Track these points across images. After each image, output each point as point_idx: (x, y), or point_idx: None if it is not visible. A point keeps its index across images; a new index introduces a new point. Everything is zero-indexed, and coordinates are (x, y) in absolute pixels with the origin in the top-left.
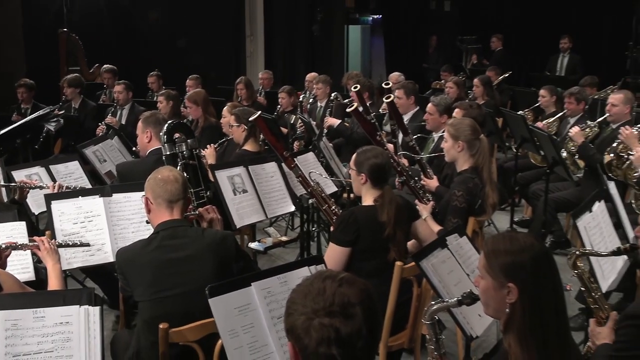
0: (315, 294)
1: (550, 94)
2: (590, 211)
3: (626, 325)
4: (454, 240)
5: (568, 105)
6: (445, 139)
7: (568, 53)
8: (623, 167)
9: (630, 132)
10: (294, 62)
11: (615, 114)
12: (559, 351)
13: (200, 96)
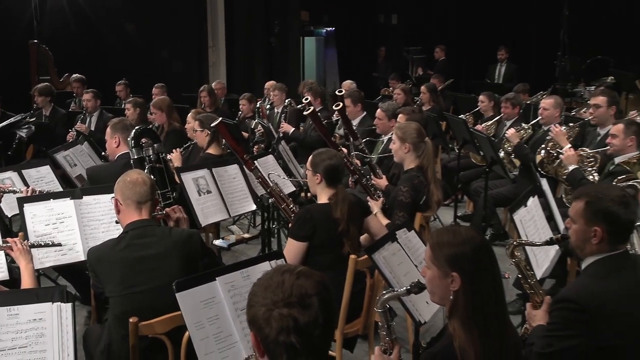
0: (275, 286)
1: (488, 99)
2: (525, 206)
3: (558, 308)
4: (403, 234)
5: (504, 109)
6: (393, 141)
7: (505, 62)
8: (554, 165)
9: (560, 130)
10: (254, 71)
11: (547, 117)
12: (499, 333)
13: (165, 103)
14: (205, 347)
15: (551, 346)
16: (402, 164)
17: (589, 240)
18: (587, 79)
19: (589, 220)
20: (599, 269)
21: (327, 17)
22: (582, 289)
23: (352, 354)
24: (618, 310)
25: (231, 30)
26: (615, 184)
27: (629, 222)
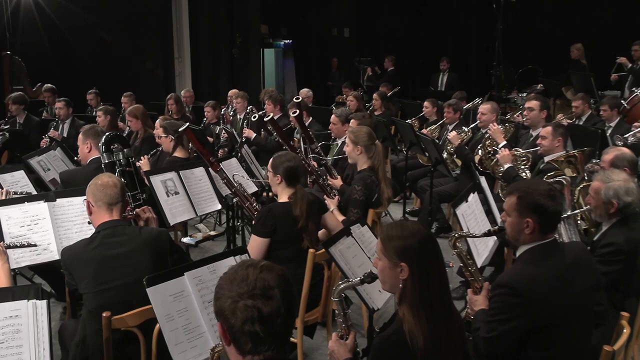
0: (239, 280)
1: (432, 105)
2: (467, 201)
3: (497, 294)
4: (357, 229)
5: (447, 114)
6: (346, 144)
7: (447, 72)
8: (491, 164)
9: (497, 127)
10: (218, 80)
11: (484, 121)
12: (444, 317)
13: (139, 111)
14: (175, 337)
15: (494, 330)
16: (355, 164)
17: (522, 230)
18: (519, 87)
19: (521, 213)
20: (532, 256)
21: (285, 30)
22: (516, 275)
23: (312, 339)
24: (549, 293)
25: (196, 43)
26: (544, 180)
27: (556, 213)
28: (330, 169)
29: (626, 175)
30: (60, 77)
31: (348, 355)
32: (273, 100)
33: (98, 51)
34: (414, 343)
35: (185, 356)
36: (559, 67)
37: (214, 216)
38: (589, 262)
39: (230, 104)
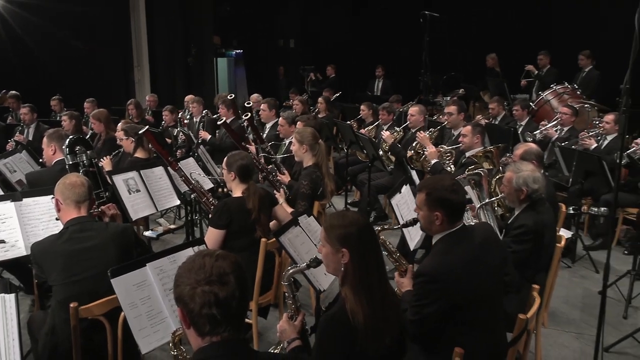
0: (197, 268)
1: (368, 108)
2: (400, 192)
3: (418, 282)
4: (304, 220)
5: (382, 116)
6: (293, 144)
7: (382, 78)
8: (420, 160)
9: (424, 135)
10: (174, 86)
11: (413, 121)
12: (381, 295)
13: (103, 114)
14: (139, 323)
15: (418, 313)
16: (301, 162)
17: (433, 222)
18: (444, 91)
19: (430, 207)
20: (445, 244)
21: (236, 41)
22: (432, 263)
23: (266, 320)
24: (463, 274)
25: (153, 52)
26: (455, 174)
27: (461, 204)
28: (280, 166)
29: (533, 167)
30: (24, 84)
31: (295, 335)
32: (226, 104)
33: (61, 59)
34: (355, 320)
35: (148, 340)
36: (477, 74)
37: (174, 211)
38: (495, 240)
39: (187, 108)
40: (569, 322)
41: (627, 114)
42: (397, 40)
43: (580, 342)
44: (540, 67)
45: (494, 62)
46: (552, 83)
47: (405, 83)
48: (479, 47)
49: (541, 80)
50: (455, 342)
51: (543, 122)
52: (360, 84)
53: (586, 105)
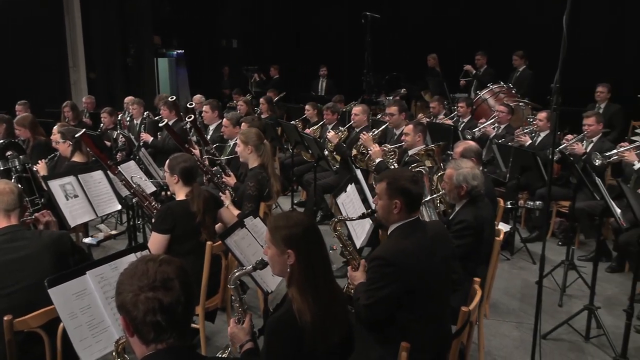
0: (140, 274)
1: (313, 108)
2: (345, 191)
3: (373, 265)
4: (250, 221)
5: (326, 116)
6: (238, 145)
7: (325, 78)
8: (365, 159)
9: (367, 136)
10: (113, 87)
11: (357, 121)
12: (328, 294)
13: (27, 120)
14: (79, 334)
15: (372, 297)
16: (246, 163)
17: (392, 211)
18: (386, 91)
19: (390, 196)
20: (400, 232)
21: (177, 41)
22: (388, 248)
23: (214, 324)
24: (415, 262)
25: (90, 52)
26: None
27: (419, 195)
28: (225, 168)
29: (473, 164)
30: None
31: (246, 338)
32: (168, 106)
33: None
34: (303, 320)
35: (90, 351)
36: (418, 73)
37: (115, 216)
38: (445, 236)
39: (127, 110)
40: (509, 312)
41: (557, 111)
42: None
43: (519, 330)
44: (477, 67)
45: (435, 62)
46: (488, 82)
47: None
48: (419, 47)
49: (479, 79)
50: (406, 330)
51: (481, 120)
52: (304, 84)
53: (521, 103)
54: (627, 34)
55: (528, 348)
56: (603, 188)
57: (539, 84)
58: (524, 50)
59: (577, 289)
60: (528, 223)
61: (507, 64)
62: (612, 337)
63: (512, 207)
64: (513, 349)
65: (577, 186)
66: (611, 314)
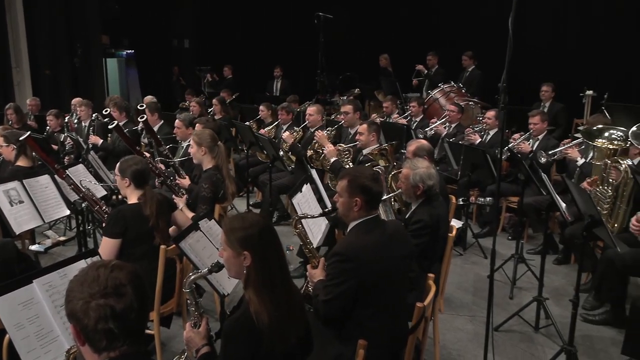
0: (90, 281)
1: (267, 108)
2: (301, 191)
3: (332, 261)
4: (205, 224)
5: (281, 116)
6: (191, 146)
7: (280, 79)
8: (320, 159)
9: (322, 134)
10: (60, 88)
11: (312, 121)
12: (285, 295)
13: None
14: (27, 345)
15: (331, 292)
16: (201, 164)
17: (352, 208)
18: (340, 91)
19: (351, 193)
20: (359, 229)
21: (127, 40)
22: (347, 244)
23: (169, 329)
24: (373, 258)
25: (34, 52)
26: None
27: (379, 193)
28: (179, 170)
29: (428, 163)
30: None
31: (203, 342)
32: (118, 107)
33: None
34: (260, 322)
35: None
36: (371, 73)
37: (64, 222)
38: (404, 235)
39: (74, 112)
40: (462, 306)
41: (505, 110)
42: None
43: (473, 324)
44: (429, 67)
45: (386, 62)
46: (440, 82)
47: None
48: (372, 47)
49: (430, 79)
50: (363, 327)
51: (433, 119)
52: (258, 84)
53: (470, 102)
54: (569, 35)
55: (481, 340)
56: (549, 184)
57: (487, 83)
58: (473, 51)
59: (527, 282)
60: (479, 219)
61: (457, 64)
62: (560, 327)
63: (464, 203)
64: (467, 342)
65: (525, 182)
66: (559, 304)
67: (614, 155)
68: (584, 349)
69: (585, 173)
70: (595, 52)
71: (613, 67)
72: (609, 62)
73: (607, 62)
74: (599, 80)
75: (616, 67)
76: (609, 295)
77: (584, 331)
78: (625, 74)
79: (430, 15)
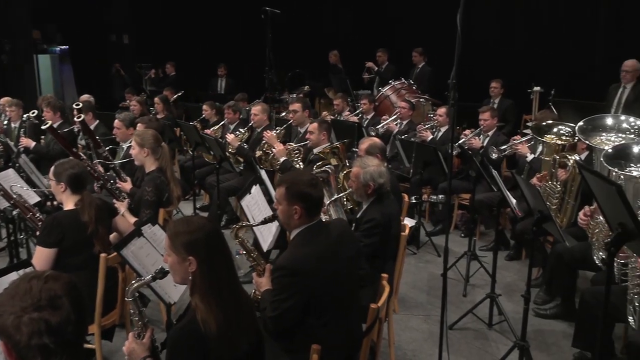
0: (22, 294)
1: (211, 107)
2: (250, 193)
3: (277, 276)
4: (148, 229)
5: (227, 115)
6: (133, 147)
7: (225, 77)
8: (269, 159)
9: (271, 134)
10: None
11: (257, 121)
12: (233, 301)
13: None
14: None
15: (278, 309)
16: (143, 167)
17: (292, 216)
18: (289, 88)
19: (289, 201)
20: (302, 238)
21: (60, 36)
22: (291, 256)
23: (112, 342)
24: (320, 267)
25: None
26: (307, 170)
27: (319, 199)
28: (119, 172)
29: (378, 161)
30: None
31: (145, 354)
32: (52, 107)
33: None
34: (207, 329)
35: None
36: (321, 70)
37: None
38: (350, 235)
39: (3, 112)
40: (417, 305)
41: (455, 107)
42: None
43: (428, 323)
44: (379, 63)
45: (336, 58)
46: (390, 79)
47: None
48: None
49: (381, 76)
50: (315, 336)
51: (384, 116)
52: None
53: (421, 99)
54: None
55: (436, 340)
56: (500, 180)
57: (437, 80)
58: (423, 47)
59: (480, 278)
60: (432, 217)
61: (408, 61)
62: (513, 322)
63: (416, 202)
64: (422, 342)
65: (476, 179)
66: (511, 300)
67: (562, 150)
68: (536, 344)
69: (535, 169)
70: (542, 49)
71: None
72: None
73: (553, 59)
74: (546, 77)
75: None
76: (559, 289)
77: (536, 326)
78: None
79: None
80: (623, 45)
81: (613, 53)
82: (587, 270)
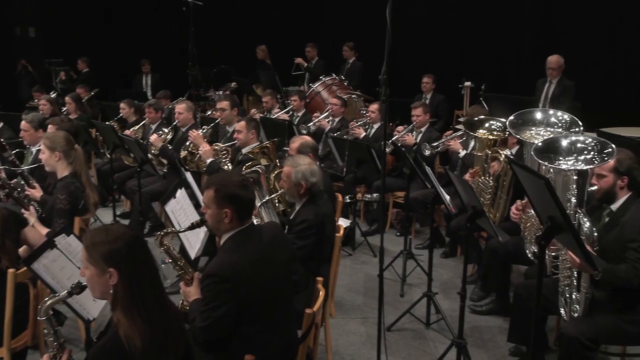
0: None
1: (129, 106)
2: (175, 197)
3: (207, 283)
4: (62, 240)
5: (148, 114)
6: (42, 151)
7: (149, 73)
8: (195, 160)
9: (197, 134)
10: None
11: (182, 120)
12: (160, 313)
13: None
14: None
15: (209, 318)
16: (55, 172)
17: (222, 220)
18: (215, 85)
19: (219, 204)
20: (233, 242)
21: None
22: (221, 263)
23: None
24: (253, 273)
25: None
26: (236, 171)
27: (250, 201)
28: (28, 179)
29: (310, 160)
30: None
31: None
32: None
33: None
34: (131, 346)
35: None
36: (249, 66)
37: None
38: (282, 238)
39: None
40: (354, 308)
41: (386, 103)
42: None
43: (365, 326)
44: (309, 59)
45: (264, 54)
46: (321, 75)
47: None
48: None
49: (311, 72)
50: (248, 345)
51: (316, 114)
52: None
53: (353, 95)
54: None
55: (374, 342)
56: (433, 177)
57: (369, 75)
58: (354, 42)
59: (417, 277)
60: (367, 216)
61: (339, 56)
62: (450, 320)
63: (350, 201)
64: (360, 345)
65: (410, 176)
66: (448, 297)
67: (494, 145)
68: (473, 341)
69: (467, 164)
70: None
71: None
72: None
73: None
74: (476, 72)
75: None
76: (494, 285)
77: (473, 322)
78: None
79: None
80: (549, 40)
81: (539, 48)
82: (520, 264)
